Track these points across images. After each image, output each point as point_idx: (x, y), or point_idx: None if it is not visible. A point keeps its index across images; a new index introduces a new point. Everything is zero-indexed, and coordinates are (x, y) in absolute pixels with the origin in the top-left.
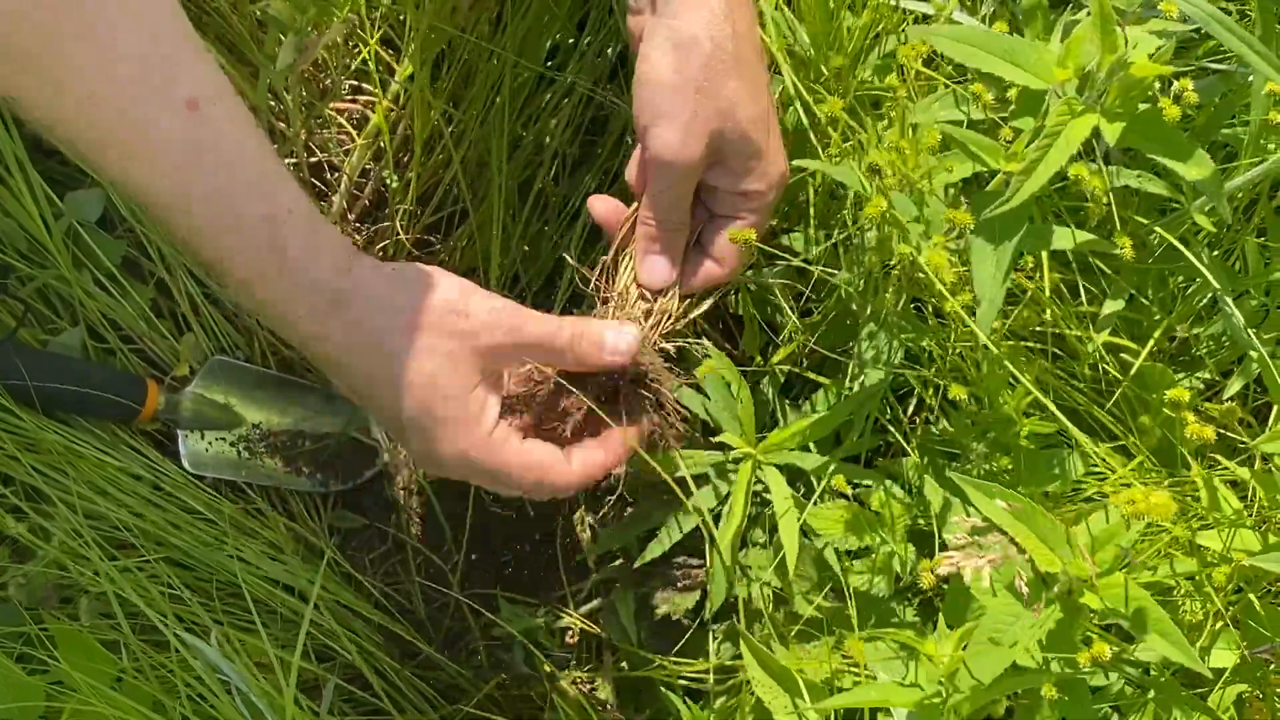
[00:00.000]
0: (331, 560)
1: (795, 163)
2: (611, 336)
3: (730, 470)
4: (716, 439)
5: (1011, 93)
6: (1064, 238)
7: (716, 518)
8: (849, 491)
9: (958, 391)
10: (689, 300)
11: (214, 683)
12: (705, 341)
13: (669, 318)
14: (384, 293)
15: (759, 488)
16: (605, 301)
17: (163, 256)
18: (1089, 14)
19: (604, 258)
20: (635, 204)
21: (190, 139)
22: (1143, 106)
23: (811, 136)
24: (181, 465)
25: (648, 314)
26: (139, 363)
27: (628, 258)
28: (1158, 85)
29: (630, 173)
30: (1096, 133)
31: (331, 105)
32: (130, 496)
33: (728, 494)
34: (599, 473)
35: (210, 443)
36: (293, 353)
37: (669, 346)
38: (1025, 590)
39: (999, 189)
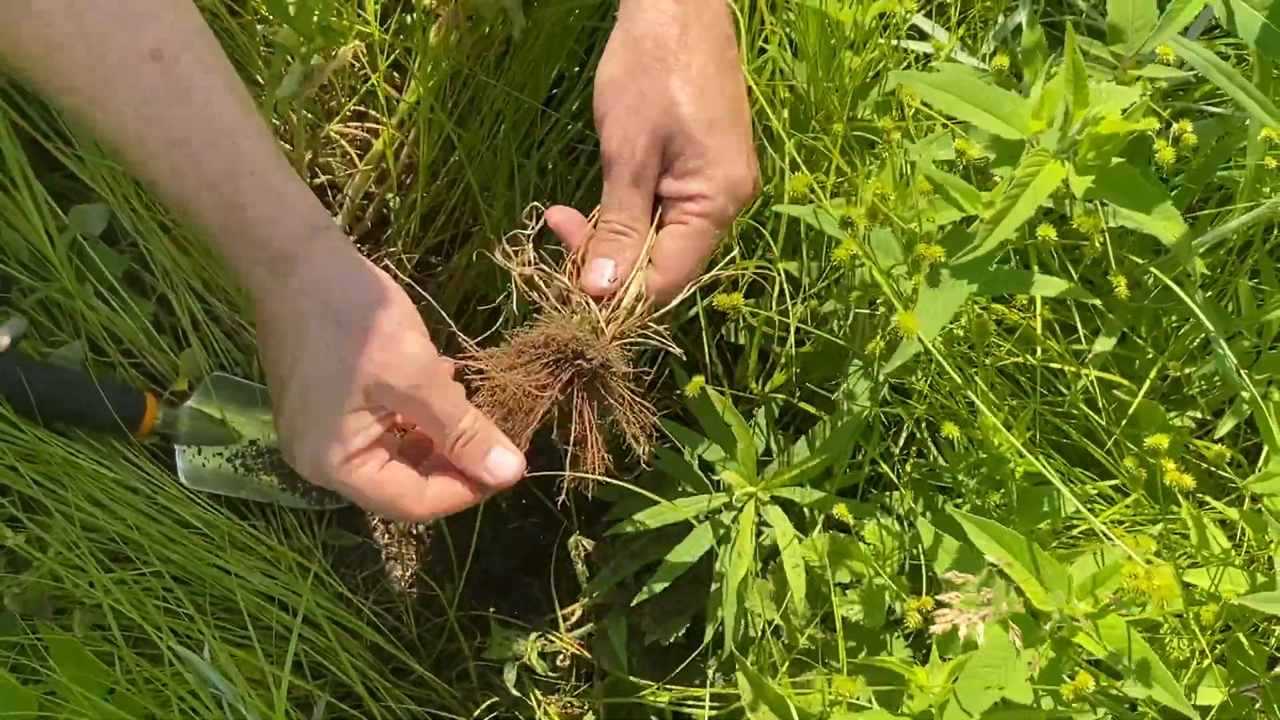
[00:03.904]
0: (325, 578)
1: (774, 207)
2: (497, 456)
3: (731, 508)
4: (716, 476)
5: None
6: (1045, 284)
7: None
8: (851, 524)
9: (950, 430)
10: (650, 306)
11: (206, 696)
12: (665, 337)
13: (630, 315)
14: (330, 278)
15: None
16: (563, 301)
17: (165, 272)
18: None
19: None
20: (595, 212)
21: (152, 89)
22: (1116, 161)
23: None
24: (178, 480)
25: (608, 322)
26: (139, 377)
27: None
28: (1156, 128)
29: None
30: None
31: (335, 129)
32: (127, 509)
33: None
34: (450, 507)
35: (207, 458)
36: None
37: (628, 340)
38: (1018, 642)
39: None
